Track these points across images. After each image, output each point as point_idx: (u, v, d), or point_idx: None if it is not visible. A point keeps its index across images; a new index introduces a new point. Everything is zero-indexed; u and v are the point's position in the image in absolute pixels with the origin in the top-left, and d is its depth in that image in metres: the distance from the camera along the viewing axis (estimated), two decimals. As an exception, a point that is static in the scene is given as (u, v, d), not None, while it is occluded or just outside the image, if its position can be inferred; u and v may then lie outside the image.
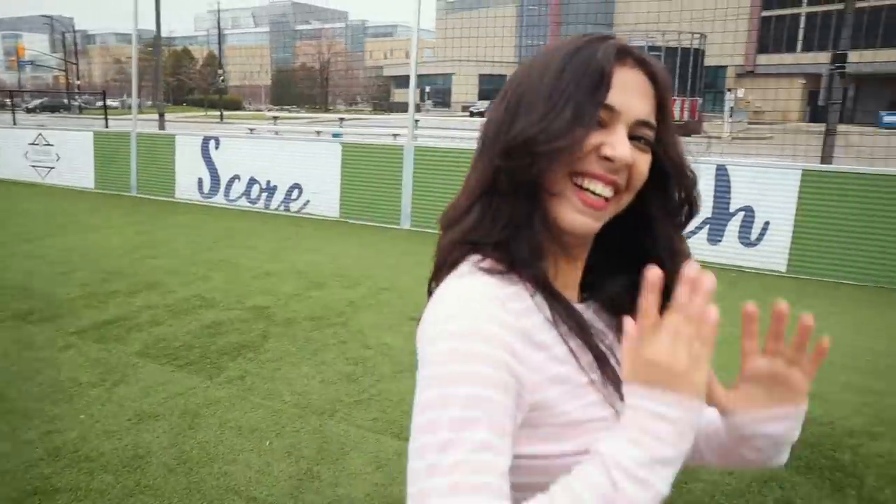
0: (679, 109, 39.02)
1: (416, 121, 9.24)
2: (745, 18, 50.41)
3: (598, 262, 0.93)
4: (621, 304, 0.90)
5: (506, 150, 0.84)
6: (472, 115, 46.27)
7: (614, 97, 0.83)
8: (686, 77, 39.45)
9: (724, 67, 49.31)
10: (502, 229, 0.86)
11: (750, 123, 38.25)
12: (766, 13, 50.87)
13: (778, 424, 0.87)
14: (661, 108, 0.88)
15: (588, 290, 0.94)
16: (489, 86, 61.55)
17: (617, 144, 0.82)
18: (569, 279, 0.91)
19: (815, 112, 50.44)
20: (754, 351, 0.85)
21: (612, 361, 0.87)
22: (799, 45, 49.84)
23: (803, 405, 0.86)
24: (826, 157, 14.04)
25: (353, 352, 4.57)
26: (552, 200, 0.85)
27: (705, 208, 6.97)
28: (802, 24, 49.56)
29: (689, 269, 0.71)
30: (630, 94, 0.84)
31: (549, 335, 0.84)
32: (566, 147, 0.81)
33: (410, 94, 8.36)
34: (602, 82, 0.82)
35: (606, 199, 0.84)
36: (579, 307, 0.90)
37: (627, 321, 0.73)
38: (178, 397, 3.84)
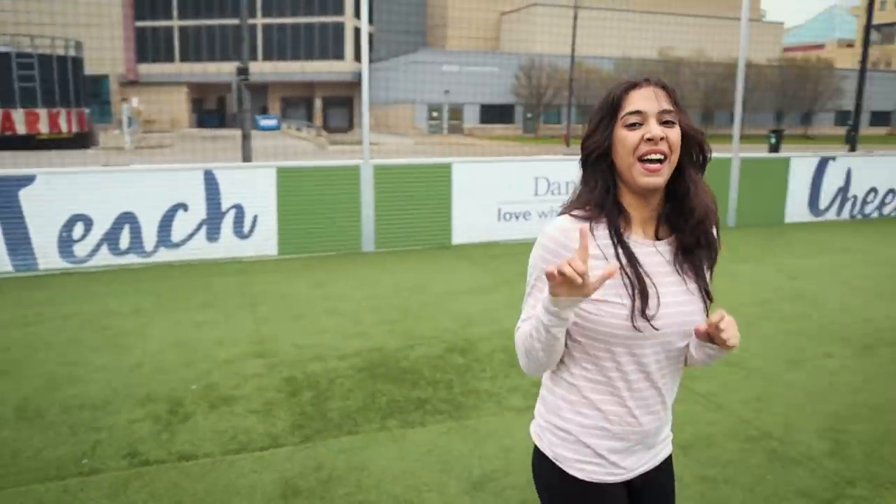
0: (66, 122, 36.86)
1: None
2: (120, 27, 50.43)
3: (671, 215, 1.46)
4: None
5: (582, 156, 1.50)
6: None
7: (640, 105, 1.38)
8: (67, 87, 37.36)
9: (105, 77, 48.39)
10: (588, 199, 1.46)
11: (145, 132, 38.97)
12: (140, 23, 51.81)
13: (714, 352, 1.47)
14: (672, 100, 1.40)
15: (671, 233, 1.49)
16: None
17: (651, 129, 1.37)
18: (643, 216, 1.45)
19: (200, 118, 54.14)
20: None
21: (648, 283, 1.40)
22: (177, 55, 52.40)
23: (724, 352, 1.45)
24: (246, 157, 16.09)
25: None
26: (630, 174, 1.39)
27: (200, 211, 7.71)
28: (177, 36, 52.16)
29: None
30: (649, 100, 1.39)
31: (604, 252, 1.40)
32: (596, 146, 1.43)
33: None
34: (614, 106, 1.41)
35: (661, 161, 1.37)
36: (658, 243, 1.46)
37: None
38: None
